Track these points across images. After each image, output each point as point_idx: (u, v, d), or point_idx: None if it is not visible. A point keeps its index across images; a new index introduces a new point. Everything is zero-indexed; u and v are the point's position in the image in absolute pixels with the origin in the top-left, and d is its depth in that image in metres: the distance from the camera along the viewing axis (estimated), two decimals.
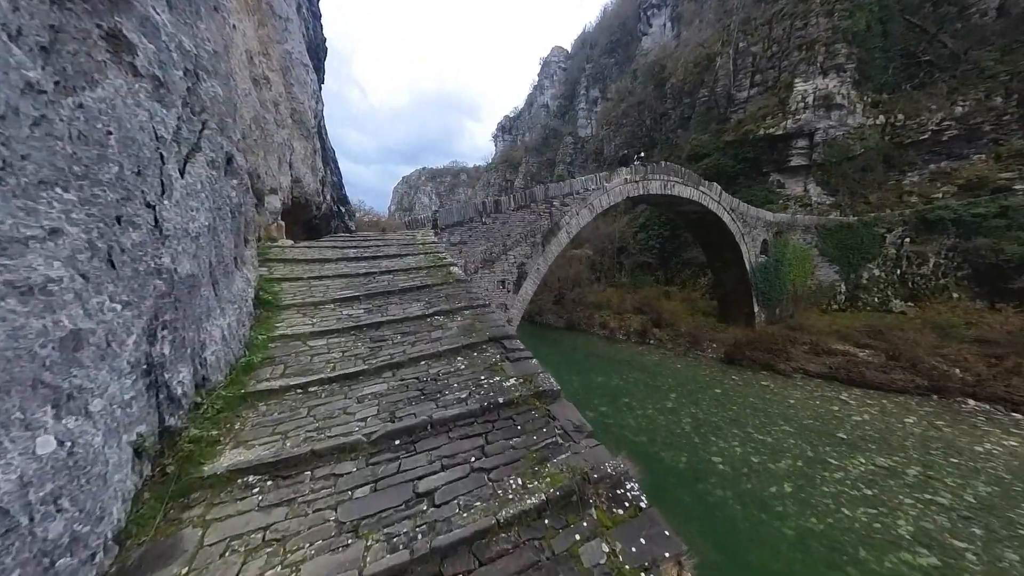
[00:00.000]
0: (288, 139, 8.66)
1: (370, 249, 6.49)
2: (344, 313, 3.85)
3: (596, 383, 16.84)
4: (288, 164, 8.80)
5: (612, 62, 66.03)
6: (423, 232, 8.77)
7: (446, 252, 7.15)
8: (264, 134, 7.12)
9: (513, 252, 11.12)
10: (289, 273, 4.74)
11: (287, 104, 8.78)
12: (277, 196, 7.64)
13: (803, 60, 27.21)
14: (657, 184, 15.28)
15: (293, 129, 9.18)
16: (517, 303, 11.53)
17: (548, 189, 11.70)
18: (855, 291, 23.14)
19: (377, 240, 7.56)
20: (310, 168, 10.47)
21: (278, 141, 7.88)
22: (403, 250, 6.50)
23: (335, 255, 5.89)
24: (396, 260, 5.80)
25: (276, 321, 3.55)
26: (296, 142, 9.39)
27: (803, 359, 18.23)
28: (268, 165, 7.27)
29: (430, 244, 7.12)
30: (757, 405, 14.20)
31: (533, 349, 3.40)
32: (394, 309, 4.01)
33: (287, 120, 8.68)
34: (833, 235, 23.63)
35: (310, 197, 10.72)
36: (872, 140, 25.07)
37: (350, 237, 8.12)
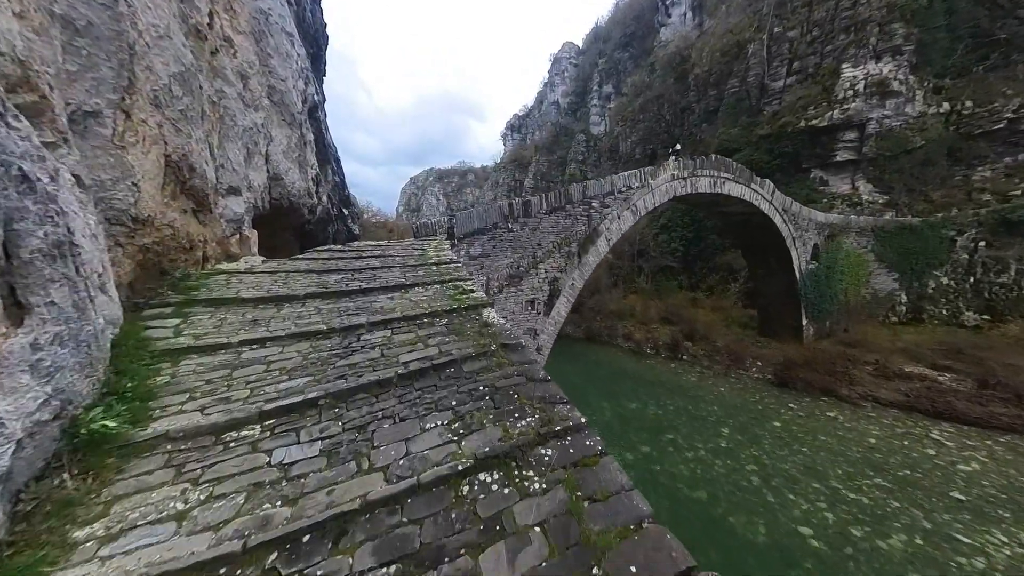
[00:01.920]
0: (262, 124, 6.70)
1: (363, 274, 4.47)
2: (273, 465, 1.71)
3: (630, 412, 14.62)
4: (263, 156, 6.84)
5: (626, 56, 63.53)
6: (436, 243, 6.73)
7: (468, 273, 5.11)
8: (216, 111, 5.15)
9: (544, 265, 9.02)
10: (210, 331, 2.73)
11: (261, 79, 6.83)
12: (241, 198, 5.67)
13: (852, 43, 24.50)
14: (706, 181, 13.01)
15: (270, 112, 7.23)
16: (548, 327, 9.43)
17: (586, 188, 9.57)
18: (919, 302, 20.42)
19: (375, 256, 5.53)
20: (296, 163, 8.54)
21: (244, 125, 5.91)
22: (409, 275, 4.45)
23: (307, 287, 3.87)
24: (398, 296, 3.75)
25: (90, 509, 1.44)
26: (275, 129, 7.44)
27: (871, 383, 15.70)
28: (225, 155, 5.29)
29: (447, 263, 5.06)
30: (831, 446, 11.83)
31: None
32: (390, 449, 1.83)
33: (261, 99, 6.73)
34: (893, 238, 20.94)
35: (297, 199, 8.79)
36: (934, 131, 22.26)
37: (342, 251, 6.13)
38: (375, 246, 6.71)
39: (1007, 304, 18.43)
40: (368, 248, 6.51)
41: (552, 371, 2.79)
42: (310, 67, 14.23)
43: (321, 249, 6.21)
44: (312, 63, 17.70)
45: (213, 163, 4.84)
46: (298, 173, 8.54)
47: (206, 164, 4.36)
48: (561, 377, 2.18)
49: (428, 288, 3.98)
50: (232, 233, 5.36)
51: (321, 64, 19.77)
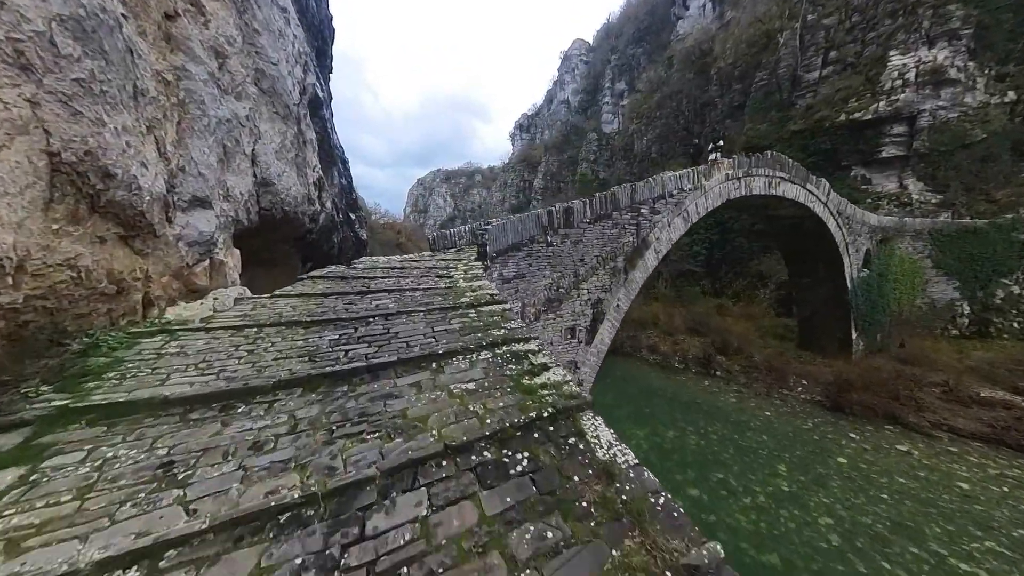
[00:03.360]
0: (246, 117, 5.34)
1: (372, 326, 3.06)
2: None
3: (668, 441, 13.01)
4: (247, 157, 5.48)
5: (640, 52, 61.60)
6: (464, 265, 5.30)
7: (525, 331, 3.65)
8: (172, 95, 3.77)
9: (587, 284, 7.53)
10: (50, 521, 1.29)
11: (246, 60, 5.47)
12: (211, 212, 4.28)
13: (900, 28, 22.41)
14: (761, 182, 11.36)
15: (259, 103, 5.87)
16: (591, 358, 7.94)
17: (635, 190, 8.03)
18: (984, 313, 18.32)
19: (387, 289, 4.11)
20: (292, 165, 7.19)
21: (218, 116, 4.54)
22: (439, 328, 3.03)
23: (284, 358, 2.46)
24: (428, 383, 2.30)
25: None
26: (265, 124, 6.08)
27: (943, 409, 13.80)
28: (187, 155, 3.92)
29: (489, 304, 3.60)
30: (915, 492, 10.06)
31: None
32: None
33: (244, 86, 5.36)
34: (953, 242, 18.88)
35: (294, 207, 7.45)
36: (997, 123, 20.10)
37: (344, 278, 4.72)
38: (386, 268, 5.28)
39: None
40: (378, 271, 5.10)
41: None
42: (313, 57, 12.97)
43: (318, 276, 4.80)
44: (317, 57, 16.50)
45: (164, 166, 3.46)
46: (295, 177, 7.20)
47: (143, 168, 2.96)
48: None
49: (474, 361, 2.51)
50: (198, 260, 3.97)
51: (327, 60, 18.57)
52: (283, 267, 11.35)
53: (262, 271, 10.75)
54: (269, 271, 11.08)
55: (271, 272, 11.13)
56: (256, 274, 10.61)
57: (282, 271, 11.45)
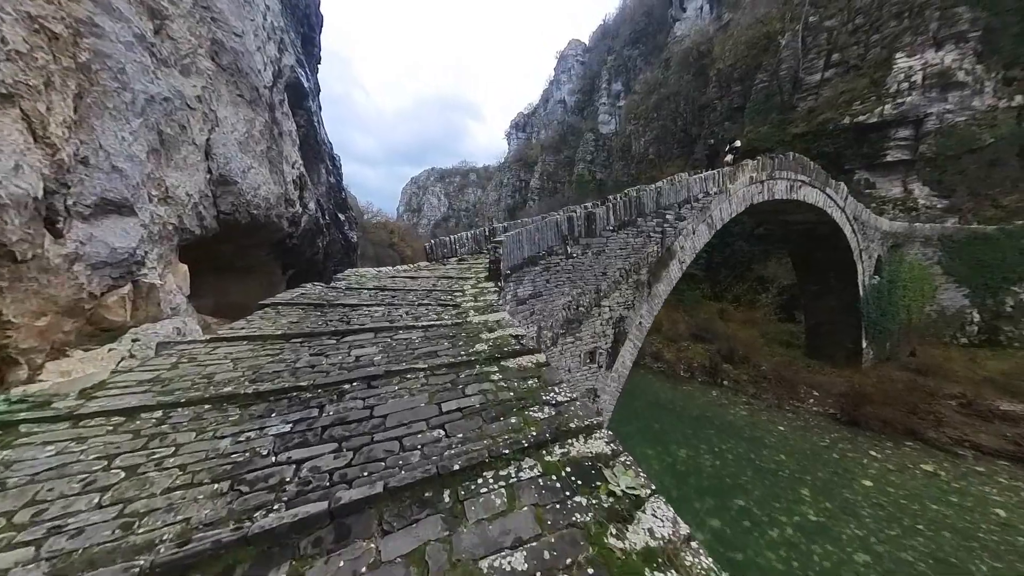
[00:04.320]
0: (197, 98, 4.23)
1: (347, 404, 2.01)
2: None
3: (682, 462, 12.15)
4: (198, 147, 4.36)
5: (637, 53, 61.29)
6: (472, 283, 4.27)
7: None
8: (68, 54, 2.67)
9: (609, 301, 6.57)
10: None
11: (197, 27, 4.35)
12: (134, 220, 3.17)
13: (907, 30, 22.06)
14: (783, 185, 10.57)
15: (216, 81, 4.75)
16: (611, 384, 6.98)
17: (660, 193, 7.10)
18: (994, 321, 17.94)
19: (374, 327, 3.07)
20: (263, 159, 6.05)
21: (149, 93, 3.43)
22: (450, 406, 1.99)
23: (190, 483, 1.37)
24: (445, 549, 1.24)
25: None
26: (226, 108, 4.96)
27: (964, 425, 13.22)
28: (94, 140, 2.81)
29: (519, 353, 2.58)
30: (950, 520, 9.35)
31: None
32: None
33: (195, 58, 4.25)
34: (963, 248, 18.49)
35: (266, 210, 6.32)
36: (1005, 127, 19.81)
37: (319, 309, 3.65)
38: (374, 289, 4.22)
39: None
40: (364, 294, 4.04)
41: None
42: (296, 44, 11.81)
43: (285, 302, 3.72)
44: (303, 45, 15.25)
45: (43, 155, 2.35)
46: (266, 173, 6.07)
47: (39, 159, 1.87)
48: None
49: (513, 489, 1.50)
50: (111, 287, 2.87)
51: (314, 48, 17.33)
52: (260, 275, 10.15)
53: (234, 281, 9.54)
54: (243, 280, 9.87)
55: (245, 281, 9.92)
56: (227, 285, 9.40)
57: (259, 280, 10.25)
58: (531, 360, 2.53)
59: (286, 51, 7.94)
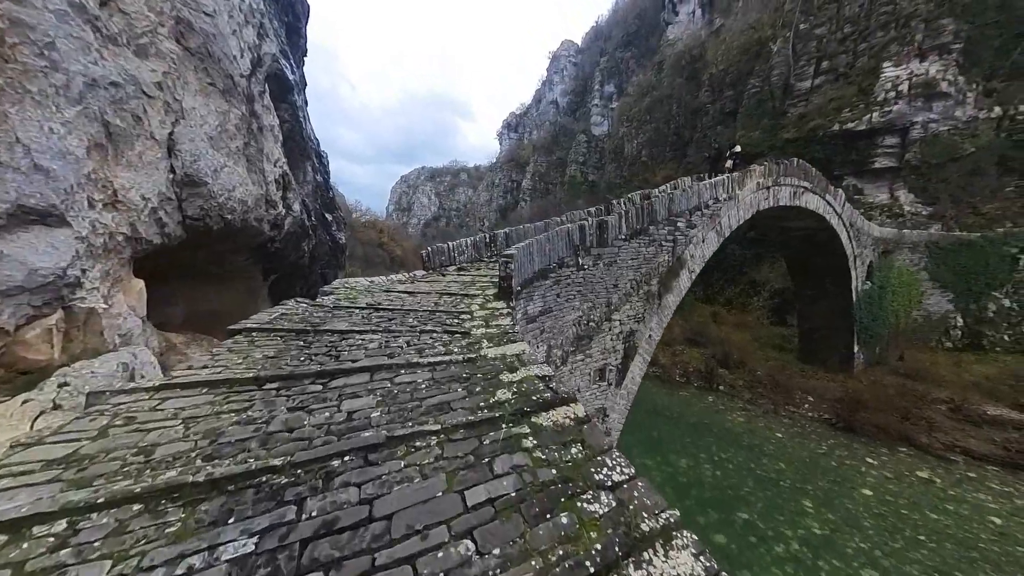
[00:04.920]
0: (157, 84, 3.59)
1: (341, 490, 1.48)
2: None
3: (682, 472, 11.90)
4: (160, 144, 3.72)
5: (629, 55, 61.60)
6: (480, 302, 3.77)
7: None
8: None
9: (620, 314, 6.16)
10: None
11: (157, 2, 3.72)
12: (66, 230, 2.55)
13: (893, 40, 22.52)
14: (787, 192, 10.41)
15: (182, 67, 4.10)
16: (620, 402, 6.58)
17: (672, 200, 6.72)
18: (977, 326, 18.40)
19: (367, 366, 2.54)
20: (241, 157, 5.40)
21: (92, 76, 2.80)
22: (478, 500, 1.48)
23: None
24: None
25: None
26: (192, 98, 4.31)
27: (953, 430, 13.42)
28: (9, 131, 2.19)
29: (550, 408, 2.09)
30: (950, 531, 9.33)
31: None
32: None
33: (154, 39, 3.61)
34: (948, 255, 18.93)
35: (243, 214, 5.66)
36: (985, 137, 20.40)
37: (301, 340, 3.11)
38: (367, 310, 3.67)
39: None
40: (356, 316, 3.51)
41: None
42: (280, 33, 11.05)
43: (261, 328, 3.15)
44: (288, 36, 14.41)
45: None
46: (243, 173, 5.41)
47: None
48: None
49: None
50: (31, 317, 2.25)
51: (300, 40, 16.46)
52: (239, 282, 9.38)
53: (210, 288, 8.76)
54: (220, 287, 9.08)
55: (223, 288, 9.14)
56: (201, 292, 8.61)
57: (238, 287, 9.48)
58: (567, 414, 2.06)
59: (267, 38, 7.24)
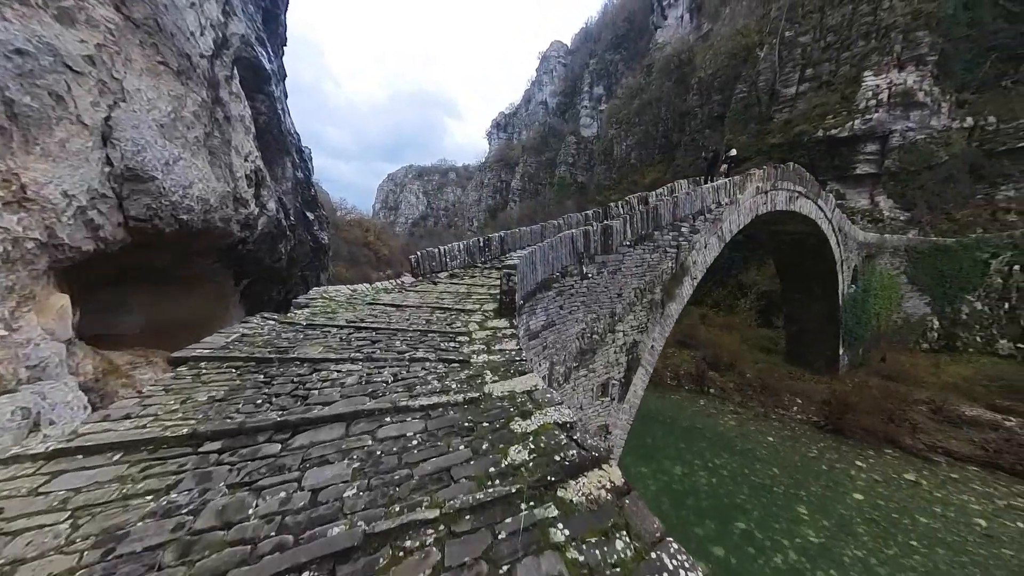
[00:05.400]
0: (86, 57, 2.96)
1: None
2: None
3: (677, 480, 11.70)
4: (89, 130, 3.09)
5: (618, 58, 62.02)
6: (478, 319, 3.29)
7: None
8: None
9: (623, 325, 5.79)
10: None
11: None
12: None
13: (874, 50, 23.19)
14: (783, 196, 10.33)
15: (122, 40, 3.46)
16: (622, 417, 6.22)
17: (677, 204, 6.40)
18: (952, 328, 19.07)
19: (342, 402, 2.01)
20: (201, 149, 4.73)
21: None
22: None
23: None
24: None
25: None
26: (137, 78, 3.66)
27: (935, 430, 13.75)
28: None
29: (581, 473, 1.61)
30: (940, 535, 9.42)
31: None
32: None
33: (84, 3, 2.98)
34: (926, 259, 19.54)
35: (203, 214, 4.99)
36: (957, 146, 21.23)
37: (255, 375, 2.55)
38: (346, 331, 3.15)
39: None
40: (331, 339, 2.98)
41: None
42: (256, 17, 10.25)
43: (212, 358, 2.59)
44: (265, 23, 13.50)
45: None
46: (205, 167, 4.75)
47: None
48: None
49: None
50: None
51: (278, 27, 15.49)
52: (207, 287, 8.57)
53: (174, 294, 7.94)
54: (186, 293, 8.26)
55: (189, 294, 8.31)
56: (164, 299, 7.79)
57: (206, 292, 8.66)
58: (602, 482, 1.61)
59: (234, 16, 6.52)
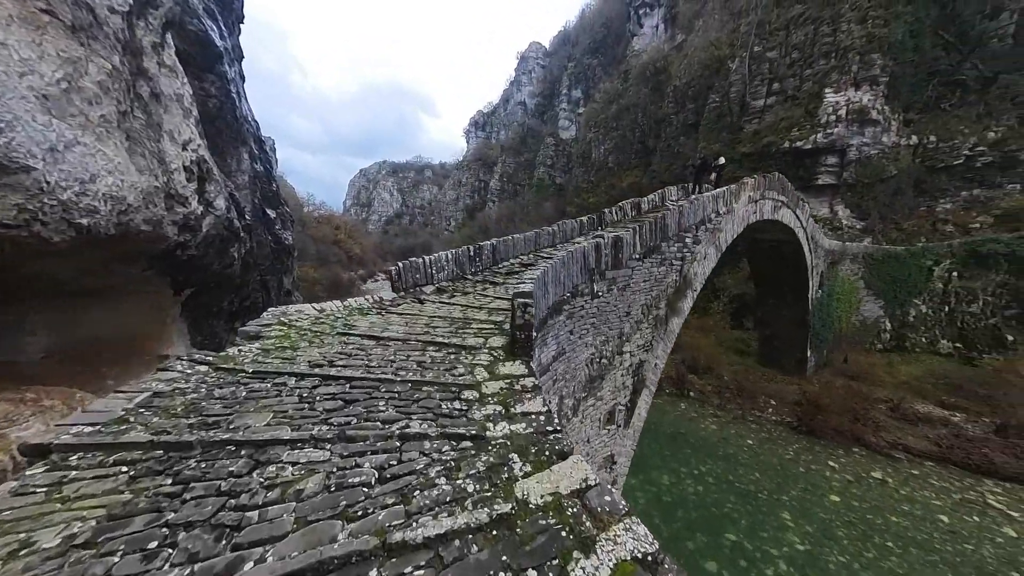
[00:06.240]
0: None
1: None
2: None
3: (666, 490, 11.54)
4: None
5: (596, 63, 62.87)
6: (486, 363, 2.56)
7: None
8: None
9: (631, 344, 5.29)
10: None
11: None
12: None
13: (834, 69, 24.70)
14: (769, 206, 10.40)
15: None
16: (627, 444, 5.74)
17: (681, 214, 6.01)
18: (901, 329, 20.63)
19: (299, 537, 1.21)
20: (114, 132, 3.65)
21: None
22: None
23: None
24: None
25: None
26: (5, 29, 2.60)
27: (895, 428, 14.63)
28: None
29: None
30: (909, 533, 9.84)
31: None
32: None
33: None
34: (880, 265, 21.00)
35: (117, 216, 3.89)
36: (904, 162, 23.08)
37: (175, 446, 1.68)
38: (309, 382, 2.34)
39: (975, 333, 19.07)
40: (289, 397, 2.17)
41: None
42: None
43: (90, 445, 1.69)
44: None
45: None
46: (119, 155, 3.67)
47: None
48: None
49: None
50: None
51: (233, 2, 13.86)
52: (138, 299, 7.15)
53: (93, 309, 6.51)
54: (109, 307, 6.82)
55: (112, 309, 6.87)
56: (80, 314, 6.35)
57: (136, 306, 7.24)
58: None
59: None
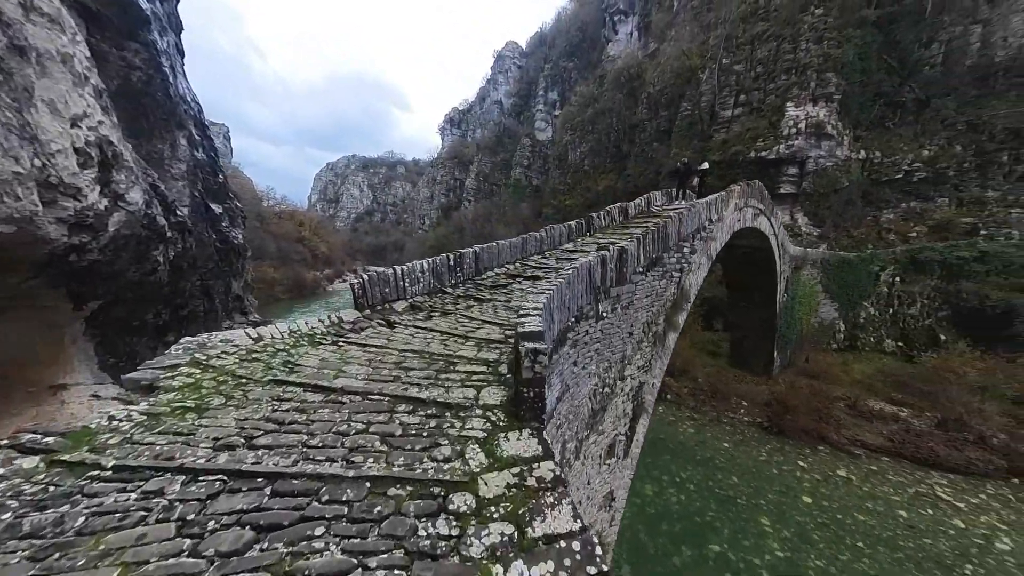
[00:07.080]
0: None
1: None
2: None
3: (649, 501, 11.32)
4: None
5: (572, 66, 63.37)
6: (481, 430, 1.80)
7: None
8: None
9: (631, 367, 4.75)
10: None
11: None
12: None
13: (794, 84, 26.18)
14: (750, 213, 10.44)
15: None
16: (625, 474, 5.22)
17: (680, 223, 5.57)
18: (853, 330, 22.17)
19: None
20: None
21: None
22: None
23: None
24: None
25: None
26: None
27: (853, 425, 15.49)
28: None
29: None
30: (875, 531, 10.25)
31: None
32: None
33: None
34: (836, 271, 22.41)
35: None
36: (854, 174, 24.91)
37: None
38: (201, 504, 1.45)
39: (915, 333, 20.88)
40: (153, 541, 1.22)
41: None
42: None
43: None
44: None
45: None
46: None
47: None
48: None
49: None
50: None
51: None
52: (26, 315, 5.64)
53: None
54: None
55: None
56: None
57: (25, 324, 5.72)
58: None
59: None
